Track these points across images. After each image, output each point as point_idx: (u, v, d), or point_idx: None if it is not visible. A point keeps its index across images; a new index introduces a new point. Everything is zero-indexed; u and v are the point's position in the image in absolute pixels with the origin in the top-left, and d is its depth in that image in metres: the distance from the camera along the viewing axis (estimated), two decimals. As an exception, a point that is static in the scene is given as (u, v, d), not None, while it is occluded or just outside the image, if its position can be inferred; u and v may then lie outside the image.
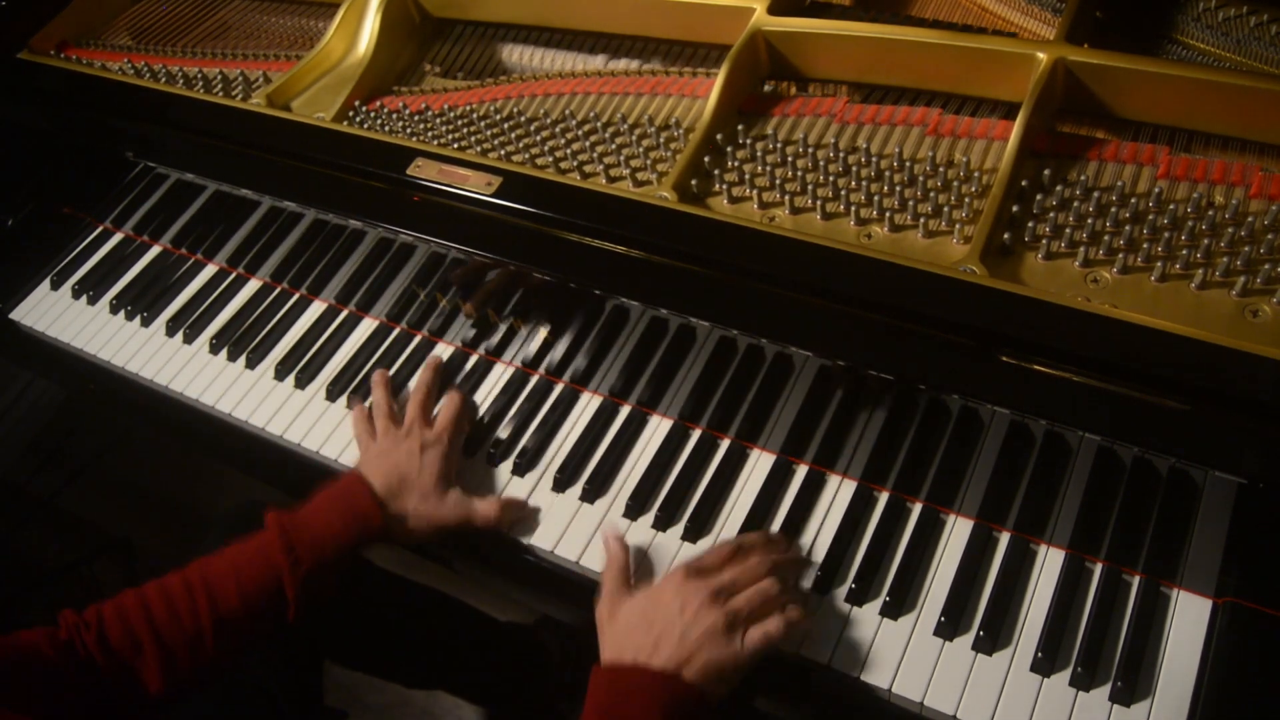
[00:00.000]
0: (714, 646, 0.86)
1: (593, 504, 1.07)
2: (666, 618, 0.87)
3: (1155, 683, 0.86)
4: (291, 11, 1.52)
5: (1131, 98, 1.01)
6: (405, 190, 1.11)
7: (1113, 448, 0.85)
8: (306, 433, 1.20)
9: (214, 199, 1.34)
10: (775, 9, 1.14)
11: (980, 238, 0.91)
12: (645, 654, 0.85)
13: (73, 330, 1.40)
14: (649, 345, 1.06)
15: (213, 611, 0.92)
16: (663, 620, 0.87)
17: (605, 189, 1.05)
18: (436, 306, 1.22)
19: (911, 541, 0.98)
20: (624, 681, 0.85)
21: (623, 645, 0.87)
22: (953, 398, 0.90)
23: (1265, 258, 0.87)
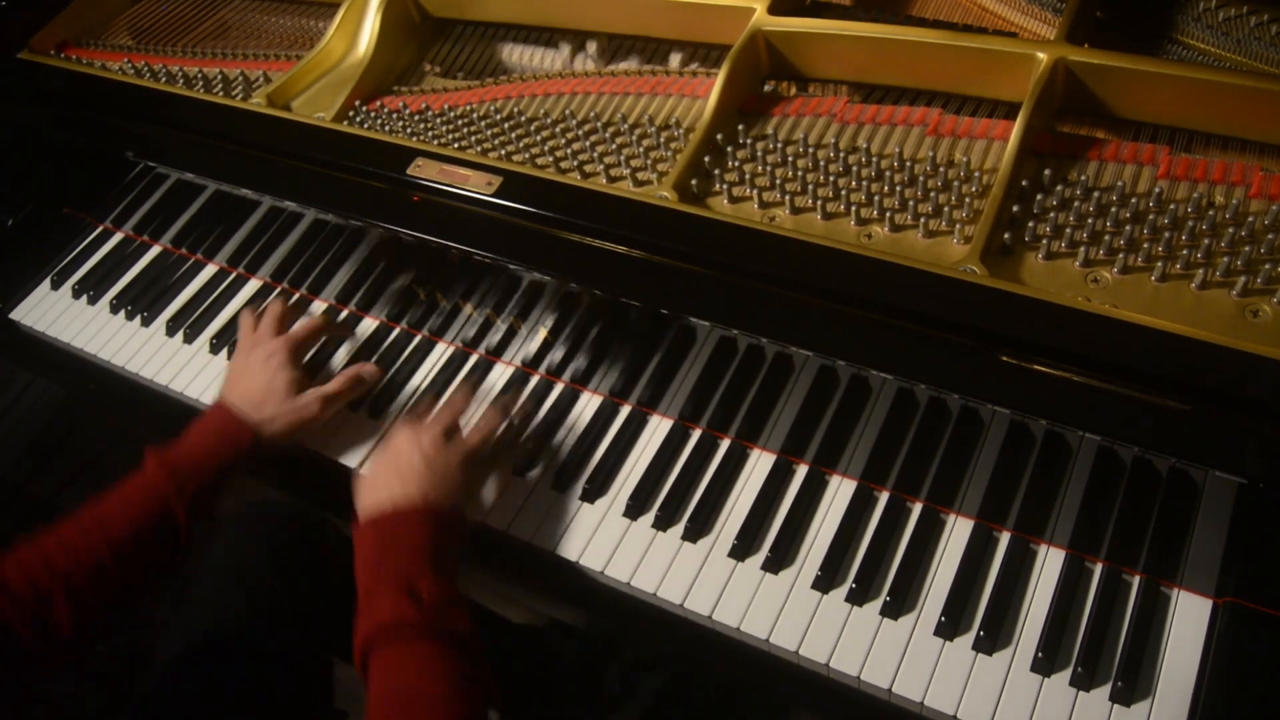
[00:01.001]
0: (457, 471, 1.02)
1: (593, 504, 1.07)
2: (408, 459, 1.00)
3: (1155, 682, 0.86)
4: (291, 11, 1.52)
5: (1131, 98, 1.01)
6: (405, 190, 1.11)
7: (1113, 448, 0.85)
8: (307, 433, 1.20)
9: (214, 199, 1.34)
10: (775, 9, 1.14)
11: (980, 238, 0.91)
12: (398, 494, 0.97)
13: (73, 330, 1.40)
14: (649, 345, 1.06)
15: (110, 546, 0.96)
16: (405, 463, 1.00)
17: (605, 189, 1.05)
18: (436, 306, 1.22)
19: (912, 541, 0.98)
20: (391, 522, 0.96)
21: (378, 499, 0.98)
22: (953, 398, 0.90)
23: (1265, 258, 0.87)
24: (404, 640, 0.87)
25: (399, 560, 0.92)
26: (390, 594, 0.89)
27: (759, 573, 0.99)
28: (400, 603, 0.88)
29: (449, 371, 1.22)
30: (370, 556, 0.94)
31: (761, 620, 0.96)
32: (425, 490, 0.98)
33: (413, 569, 0.91)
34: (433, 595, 0.89)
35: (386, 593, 0.89)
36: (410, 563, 0.92)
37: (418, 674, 0.85)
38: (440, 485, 1.00)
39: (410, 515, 0.96)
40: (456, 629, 0.89)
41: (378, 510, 0.97)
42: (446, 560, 0.94)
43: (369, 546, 0.95)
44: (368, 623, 0.89)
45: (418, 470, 0.99)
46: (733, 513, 1.04)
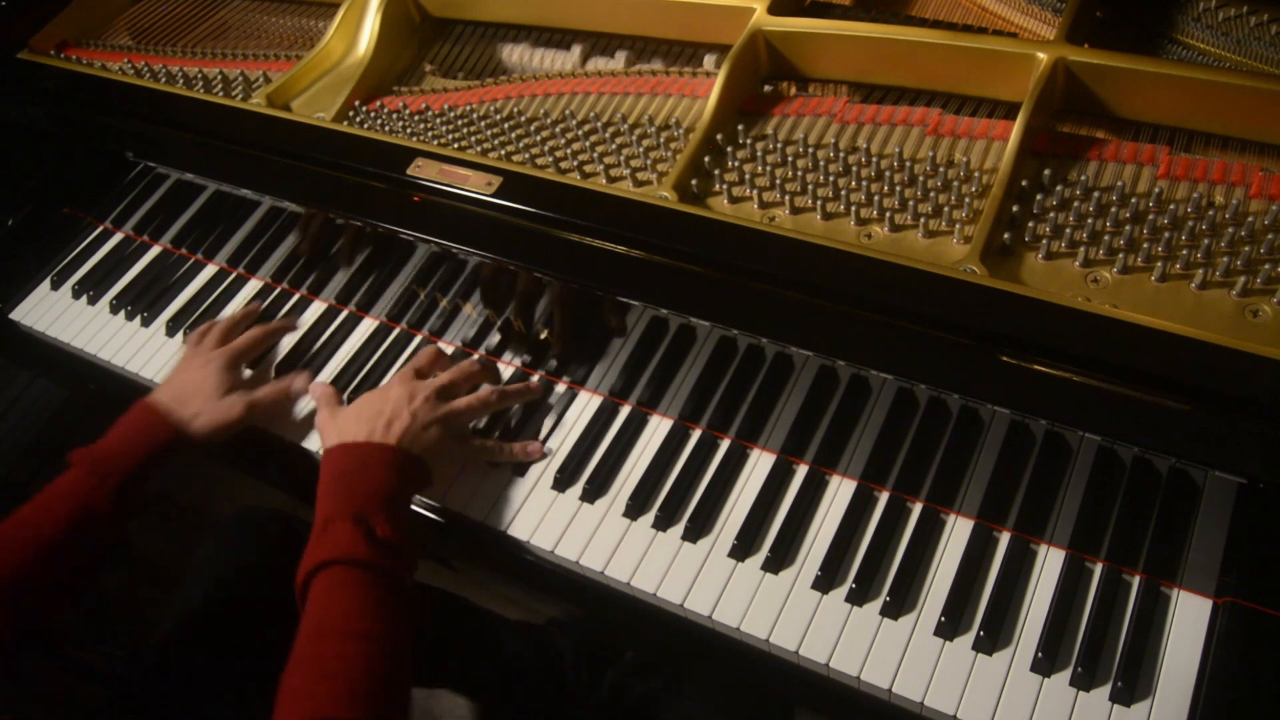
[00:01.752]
0: (438, 433, 1.05)
1: (593, 504, 1.07)
2: (396, 406, 1.04)
3: (1155, 683, 0.86)
4: (291, 11, 1.52)
5: (1131, 98, 1.01)
6: (405, 190, 1.11)
7: (1113, 448, 0.85)
8: (308, 433, 1.20)
9: (214, 199, 1.34)
10: (775, 9, 1.14)
11: (980, 238, 0.91)
12: (379, 432, 1.01)
13: (73, 330, 1.40)
14: (649, 345, 1.06)
15: (37, 547, 0.99)
16: (393, 409, 1.04)
17: (605, 189, 1.05)
18: (437, 306, 1.22)
19: (912, 541, 0.98)
20: (362, 452, 1.00)
21: (355, 429, 1.02)
22: (953, 398, 0.90)
23: (1265, 258, 0.87)
24: (352, 569, 0.89)
25: (359, 495, 0.95)
26: (347, 526, 0.91)
27: (759, 573, 0.99)
28: (355, 536, 0.91)
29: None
30: (334, 484, 0.97)
31: (761, 620, 0.96)
32: (400, 438, 1.01)
33: (372, 507, 0.94)
34: (386, 535, 0.92)
35: (343, 525, 0.92)
36: (370, 500, 0.95)
37: (358, 600, 0.88)
38: (417, 438, 1.03)
39: (381, 456, 0.99)
40: (401, 575, 0.93)
41: (352, 439, 1.01)
42: (402, 507, 0.99)
43: (334, 472, 0.98)
44: (321, 547, 0.91)
45: (402, 418, 1.03)
46: (733, 513, 1.04)
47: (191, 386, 1.16)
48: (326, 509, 0.95)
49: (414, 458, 1.02)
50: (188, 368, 1.19)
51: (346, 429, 1.03)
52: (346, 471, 0.98)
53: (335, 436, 1.04)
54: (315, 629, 0.87)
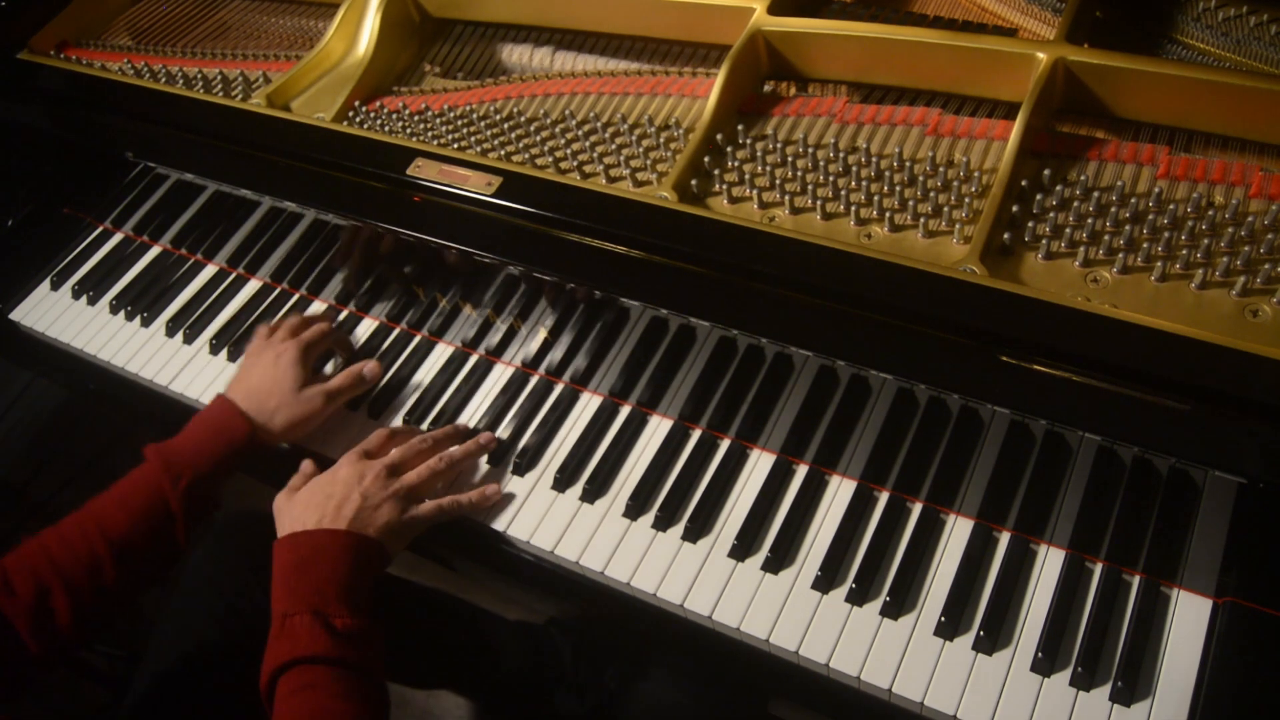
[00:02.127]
0: (391, 510, 1.01)
1: (593, 504, 1.07)
2: (346, 489, 1.01)
3: (1155, 683, 0.86)
4: (291, 11, 1.52)
5: (1131, 98, 1.01)
6: (405, 190, 1.11)
7: (1113, 448, 0.85)
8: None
9: (214, 199, 1.34)
10: (775, 9, 1.14)
11: (980, 238, 0.91)
12: (329, 518, 0.98)
13: (73, 330, 1.40)
14: (649, 345, 1.06)
15: (106, 540, 0.98)
16: (342, 491, 1.01)
17: (605, 189, 1.05)
18: (436, 306, 1.22)
19: (912, 541, 0.98)
20: (314, 540, 0.97)
21: (305, 517, 0.99)
22: (953, 398, 0.90)
23: (1265, 258, 0.87)
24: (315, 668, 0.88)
25: (316, 586, 0.93)
26: (305, 620, 0.90)
27: (759, 573, 0.99)
28: (315, 631, 0.89)
29: (449, 371, 1.22)
30: (289, 578, 0.94)
31: (761, 620, 0.96)
32: (351, 521, 0.99)
33: (328, 598, 0.92)
34: (346, 626, 0.91)
35: (302, 619, 0.90)
36: (326, 591, 0.92)
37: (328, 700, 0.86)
38: (369, 520, 1.00)
39: (332, 543, 0.97)
40: (368, 664, 0.91)
41: (302, 527, 0.98)
42: (362, 594, 0.95)
43: (286, 565, 0.96)
44: (281, 647, 0.89)
45: (352, 499, 1.00)
46: (733, 513, 1.04)
47: (270, 381, 1.14)
48: (283, 604, 0.92)
49: (368, 540, 0.99)
50: (260, 363, 1.16)
51: (296, 516, 1.01)
52: (299, 562, 0.96)
53: (286, 525, 1.01)
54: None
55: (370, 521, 1.00)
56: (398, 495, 1.03)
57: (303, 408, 1.13)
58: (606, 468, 1.09)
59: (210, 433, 1.08)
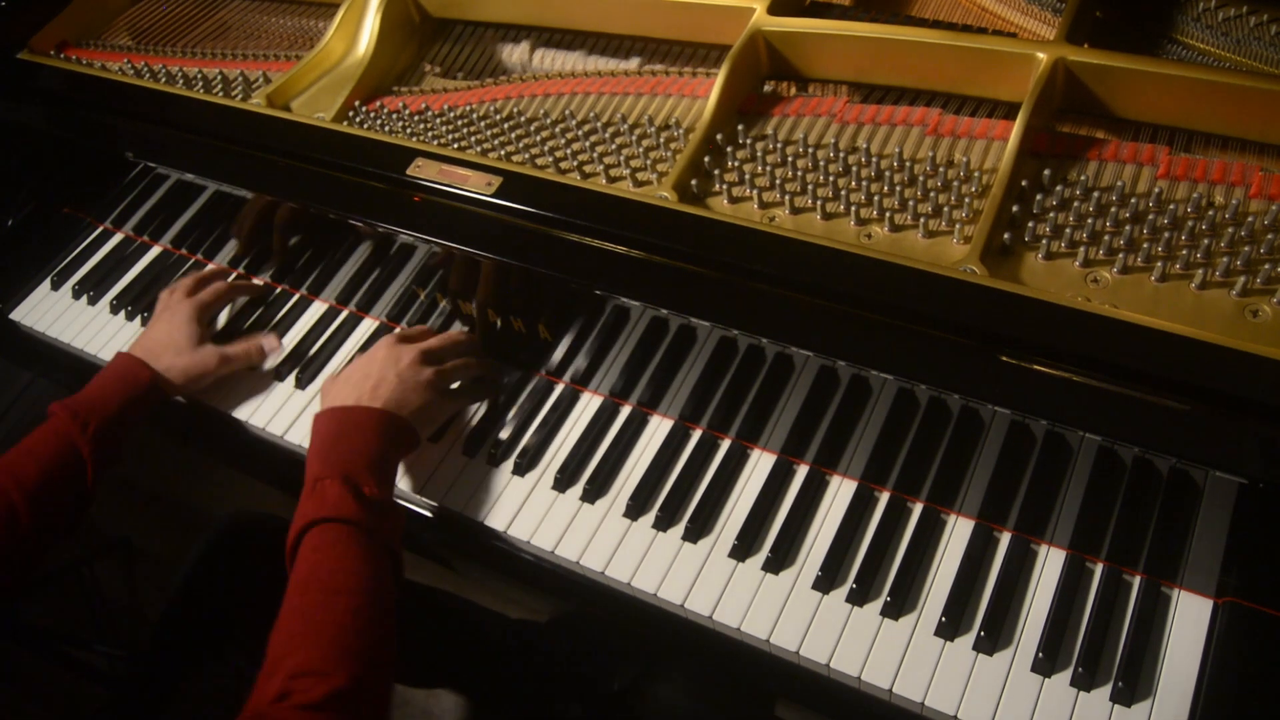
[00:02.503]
0: (424, 393, 1.07)
1: (593, 504, 1.07)
2: (383, 369, 1.06)
3: (1156, 683, 0.86)
4: (291, 11, 1.52)
5: (1131, 98, 1.01)
6: (405, 190, 1.11)
7: (1113, 448, 0.85)
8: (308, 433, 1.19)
9: (214, 199, 1.34)
10: (775, 9, 1.14)
11: (980, 238, 0.91)
12: (366, 396, 1.04)
13: (73, 330, 1.40)
14: (649, 345, 1.06)
15: (20, 488, 1.01)
16: (379, 371, 1.06)
17: (605, 189, 1.05)
18: (437, 306, 1.22)
19: (912, 542, 0.98)
20: (350, 415, 1.02)
21: (344, 393, 1.05)
22: (953, 398, 0.90)
23: (1265, 258, 0.87)
24: (340, 526, 0.91)
25: (348, 457, 0.98)
26: (336, 485, 0.94)
27: (759, 573, 0.99)
28: (344, 495, 0.93)
29: (449, 372, 1.22)
30: (323, 447, 0.99)
31: (762, 621, 0.96)
32: (387, 402, 1.04)
33: (359, 468, 0.97)
34: (373, 495, 0.95)
35: (332, 483, 0.94)
36: (357, 462, 0.97)
37: (346, 556, 0.89)
38: (403, 402, 1.05)
39: (368, 419, 1.02)
40: (387, 534, 0.95)
41: (341, 404, 1.04)
42: (389, 468, 1.01)
43: (323, 435, 1.01)
44: (311, 506, 0.93)
45: (389, 381, 1.06)
46: (733, 513, 1.04)
47: (165, 336, 1.21)
48: (315, 469, 0.97)
49: (400, 420, 1.04)
50: (159, 321, 1.24)
51: (337, 394, 1.06)
52: (334, 435, 1.01)
53: (328, 400, 1.06)
54: (303, 583, 0.88)
55: (404, 402, 1.05)
56: (431, 382, 1.08)
57: (197, 363, 1.20)
58: (607, 468, 1.09)
59: (113, 383, 1.14)
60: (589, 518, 1.06)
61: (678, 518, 1.04)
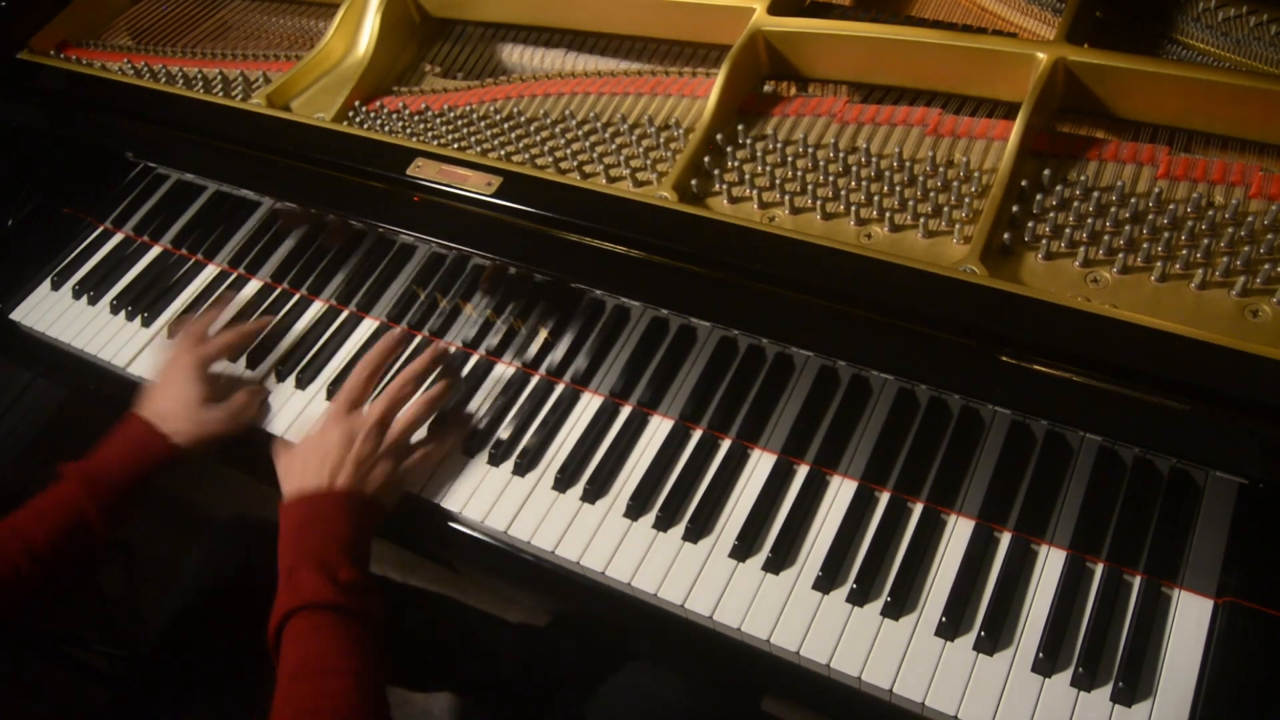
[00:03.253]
0: (384, 467, 1.06)
1: (593, 504, 1.07)
2: (339, 452, 1.04)
3: (1156, 683, 0.86)
4: (291, 11, 1.52)
5: (1131, 98, 1.01)
6: (405, 190, 1.11)
7: (1113, 448, 0.85)
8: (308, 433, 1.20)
9: (214, 199, 1.34)
10: (775, 9, 1.14)
11: (980, 238, 0.91)
12: (325, 483, 1.02)
13: (73, 330, 1.40)
14: (649, 345, 1.06)
15: (27, 553, 1.01)
16: (336, 455, 1.04)
17: (605, 189, 1.05)
18: (437, 306, 1.22)
19: (912, 542, 0.98)
20: (316, 504, 1.01)
21: (303, 483, 1.03)
22: (953, 398, 0.90)
23: (1265, 258, 0.87)
24: (321, 613, 0.91)
25: (319, 544, 0.97)
26: (310, 574, 0.93)
27: (760, 573, 0.99)
28: (320, 581, 0.93)
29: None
30: (292, 537, 0.99)
31: (762, 621, 0.96)
32: (348, 482, 1.03)
33: (331, 552, 0.96)
34: (349, 579, 0.94)
35: (307, 573, 0.93)
36: (329, 547, 0.97)
37: (331, 640, 0.89)
38: (366, 480, 1.04)
39: (333, 506, 1.01)
40: (369, 612, 0.94)
41: (301, 493, 1.02)
42: (362, 549, 1.00)
43: (292, 526, 1.00)
44: (288, 596, 0.93)
45: (346, 466, 1.04)
46: (733, 513, 1.04)
47: (171, 400, 1.16)
48: (289, 559, 0.96)
49: (365, 498, 1.03)
50: (167, 377, 1.19)
51: (297, 479, 1.04)
52: (301, 523, 1.00)
53: (288, 484, 1.05)
54: (292, 672, 0.88)
55: (366, 481, 1.04)
56: (390, 451, 1.07)
57: (203, 429, 1.15)
58: (607, 468, 1.09)
59: (126, 451, 1.11)
60: (589, 518, 1.06)
61: (678, 518, 1.04)
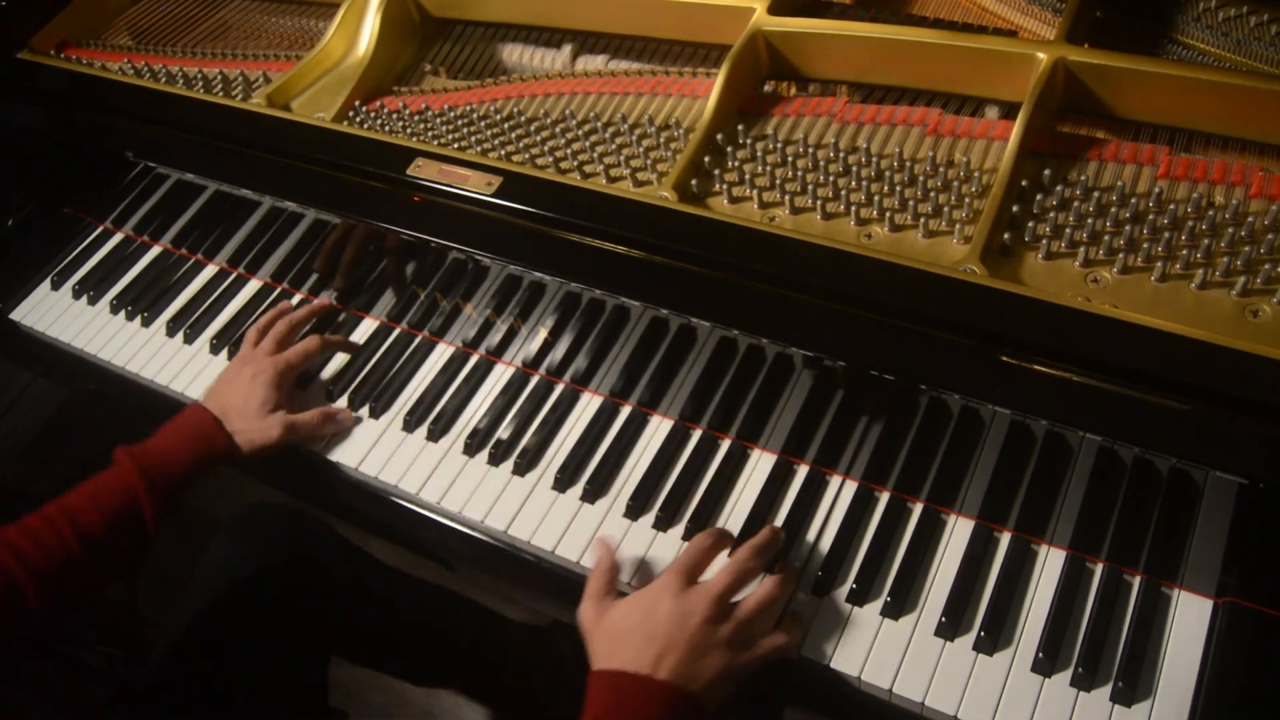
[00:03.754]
0: (721, 659, 0.86)
1: (593, 504, 1.07)
2: (669, 630, 0.85)
3: (1156, 683, 0.86)
4: (291, 11, 1.52)
5: (1131, 98, 1.01)
6: (405, 190, 1.11)
7: (1113, 448, 0.85)
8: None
9: (214, 199, 1.34)
10: (775, 9, 1.14)
11: (980, 238, 0.91)
12: (649, 665, 0.84)
13: (73, 330, 1.40)
14: (649, 345, 1.06)
15: (78, 535, 0.98)
16: (665, 632, 0.85)
17: (605, 189, 1.05)
18: (437, 306, 1.22)
19: (912, 542, 0.98)
20: (632, 690, 0.84)
21: (623, 654, 0.86)
22: (953, 398, 0.90)
23: (1265, 258, 0.87)
24: None
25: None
26: None
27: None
28: None
29: (449, 372, 1.22)
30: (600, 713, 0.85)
31: (762, 620, 0.95)
32: (675, 674, 0.84)
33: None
34: None
35: None
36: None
37: None
38: (694, 675, 0.84)
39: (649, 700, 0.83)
40: None
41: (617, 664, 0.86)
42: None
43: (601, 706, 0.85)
44: None
45: (676, 651, 0.85)
46: (733, 513, 1.04)
47: (240, 399, 1.13)
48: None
49: (690, 696, 0.84)
50: (239, 377, 1.15)
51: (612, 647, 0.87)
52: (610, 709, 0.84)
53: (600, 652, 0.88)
54: None
55: (696, 674, 0.85)
56: (730, 640, 0.87)
57: (261, 436, 1.12)
58: (607, 468, 1.09)
59: (187, 441, 1.08)
60: (589, 518, 1.06)
61: (678, 518, 1.04)
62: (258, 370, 1.15)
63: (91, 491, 1.02)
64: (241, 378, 1.15)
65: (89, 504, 1.00)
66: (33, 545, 0.97)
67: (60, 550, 0.97)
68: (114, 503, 1.01)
